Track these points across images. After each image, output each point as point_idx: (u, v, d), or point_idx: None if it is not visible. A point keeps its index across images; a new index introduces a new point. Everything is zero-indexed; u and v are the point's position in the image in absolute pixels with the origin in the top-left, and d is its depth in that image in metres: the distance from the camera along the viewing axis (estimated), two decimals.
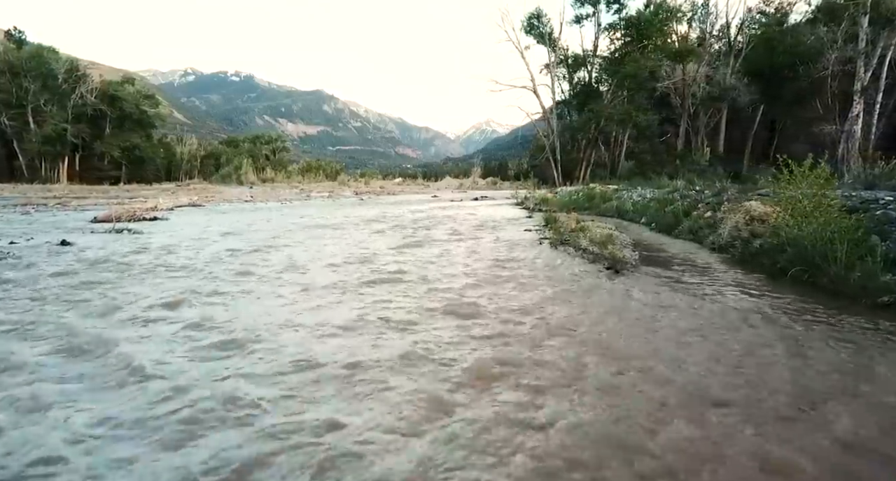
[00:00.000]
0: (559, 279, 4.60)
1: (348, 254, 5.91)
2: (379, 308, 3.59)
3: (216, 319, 3.23)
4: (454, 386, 2.27)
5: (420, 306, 3.56)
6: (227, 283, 4.28)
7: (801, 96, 18.04)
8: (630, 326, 3.17)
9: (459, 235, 8.18)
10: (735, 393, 2.21)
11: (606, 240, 6.64)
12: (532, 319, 3.28)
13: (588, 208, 14.20)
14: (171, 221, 10.75)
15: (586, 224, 9.70)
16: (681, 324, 3.19)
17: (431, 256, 5.82)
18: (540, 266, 5.27)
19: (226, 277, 4.51)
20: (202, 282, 4.31)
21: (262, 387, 2.20)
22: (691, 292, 4.11)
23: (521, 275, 4.74)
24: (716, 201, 9.20)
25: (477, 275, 4.66)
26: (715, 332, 3.05)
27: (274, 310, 3.52)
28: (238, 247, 6.41)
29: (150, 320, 3.20)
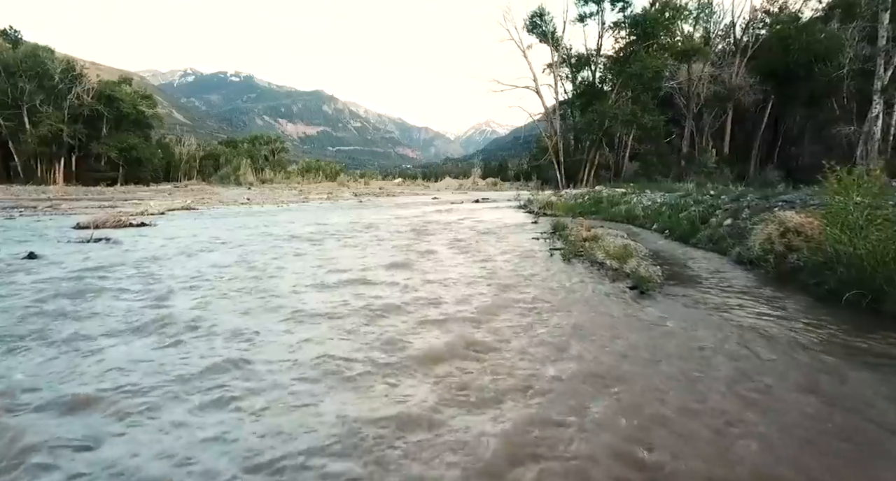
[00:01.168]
0: (581, 304, 4.02)
1: (340, 273, 5.30)
2: (372, 345, 3.04)
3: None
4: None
5: (422, 350, 2.97)
6: (180, 344, 3.03)
7: (816, 96, 17.44)
8: (684, 382, 2.53)
9: (463, 246, 7.60)
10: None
11: (624, 252, 6.08)
12: (561, 368, 2.69)
13: (595, 213, 13.64)
14: (157, 228, 10.20)
15: (598, 232, 9.15)
16: (745, 382, 2.53)
17: (432, 274, 5.25)
18: (556, 286, 4.70)
19: (182, 322, 3.43)
20: (149, 341, 3.07)
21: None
22: (735, 322, 3.55)
23: (537, 298, 4.17)
24: (735, 208, 8.65)
25: (486, 300, 4.08)
26: (792, 394, 2.37)
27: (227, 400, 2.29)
28: (218, 264, 5.66)
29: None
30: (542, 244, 8.01)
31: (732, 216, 8.28)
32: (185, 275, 4.95)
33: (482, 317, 3.58)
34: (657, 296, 4.32)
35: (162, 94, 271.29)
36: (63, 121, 44.54)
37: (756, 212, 7.80)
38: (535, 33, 26.82)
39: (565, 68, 27.33)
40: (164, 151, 65.17)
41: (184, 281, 4.69)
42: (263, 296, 4.23)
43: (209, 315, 3.57)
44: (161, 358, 2.75)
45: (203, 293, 4.24)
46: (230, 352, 2.85)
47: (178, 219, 12.87)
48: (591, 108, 24.02)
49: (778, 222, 5.40)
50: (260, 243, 7.61)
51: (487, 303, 3.97)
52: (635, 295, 4.31)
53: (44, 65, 44.33)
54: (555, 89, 26.86)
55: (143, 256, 6.05)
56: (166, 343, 3.02)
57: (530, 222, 12.19)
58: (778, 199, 8.02)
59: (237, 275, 5.04)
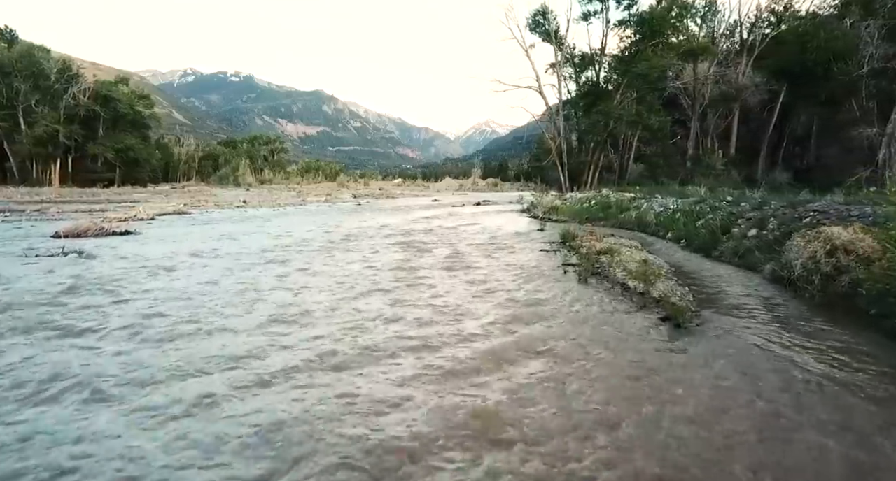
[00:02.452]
0: (607, 343, 3.40)
1: (327, 296, 4.65)
2: (346, 405, 2.42)
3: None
4: None
5: (420, 417, 2.34)
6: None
7: (835, 96, 16.80)
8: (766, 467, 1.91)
9: (464, 259, 6.98)
10: None
11: (646, 270, 5.48)
12: (596, 456, 2.05)
13: (603, 219, 13.03)
14: (141, 236, 9.60)
15: (610, 241, 8.54)
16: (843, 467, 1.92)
17: (430, 300, 4.61)
18: (575, 317, 4.07)
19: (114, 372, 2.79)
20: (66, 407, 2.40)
21: None
22: (806, 370, 2.93)
23: (554, 337, 3.55)
24: (759, 217, 8.04)
25: (491, 340, 3.45)
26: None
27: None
28: (173, 295, 4.67)
29: None
30: (551, 257, 7.40)
31: (757, 226, 7.67)
32: (131, 312, 4.04)
33: (489, 360, 2.95)
34: (697, 330, 3.71)
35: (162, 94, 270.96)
36: (59, 122, 43.95)
37: (785, 222, 7.19)
38: (538, 32, 26.22)
39: (569, 68, 26.73)
40: (162, 152, 64.68)
41: (119, 324, 3.74)
42: (248, 316, 3.61)
43: (107, 386, 2.65)
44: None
45: (132, 347, 3.29)
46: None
47: (166, 225, 12.28)
48: (595, 109, 23.38)
49: (823, 238, 4.79)
50: (237, 260, 6.81)
51: (494, 343, 3.33)
52: (671, 329, 3.70)
53: (39, 64, 43.75)
54: (558, 89, 26.28)
55: (106, 277, 5.36)
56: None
57: (536, 229, 11.59)
58: (807, 209, 7.42)
59: (180, 318, 3.91)
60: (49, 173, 45.34)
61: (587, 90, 25.52)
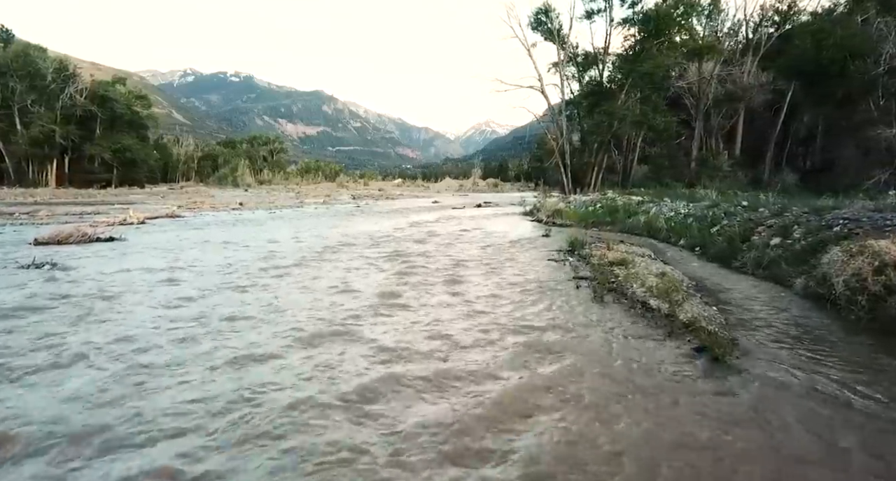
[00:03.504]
0: (639, 386, 2.87)
1: (307, 322, 4.06)
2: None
3: None
4: None
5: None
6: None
7: (850, 96, 16.26)
8: None
9: (465, 275, 6.45)
10: None
11: (668, 286, 4.97)
12: None
13: (610, 223, 12.53)
14: (125, 244, 9.09)
15: (622, 249, 8.04)
16: None
17: (428, 324, 4.08)
18: (595, 348, 3.50)
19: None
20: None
21: None
22: (882, 418, 2.43)
23: (573, 375, 3.03)
24: (781, 224, 7.53)
25: (500, 385, 2.87)
26: None
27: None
28: (135, 326, 3.97)
29: None
30: (560, 269, 6.89)
31: (780, 235, 7.17)
32: (60, 351, 3.38)
33: (498, 429, 2.42)
34: (737, 364, 3.20)
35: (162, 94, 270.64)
36: (55, 122, 43.38)
37: (811, 231, 6.69)
38: (540, 31, 25.68)
39: (571, 67, 26.17)
40: (161, 152, 64.21)
41: (33, 365, 3.10)
42: (213, 351, 3.06)
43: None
44: None
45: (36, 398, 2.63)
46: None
47: (155, 230, 11.76)
48: (599, 109, 22.84)
49: (870, 253, 4.28)
50: (208, 279, 5.98)
51: (502, 398, 2.72)
52: (709, 365, 3.18)
53: (35, 64, 43.17)
54: (561, 89, 25.72)
55: (59, 298, 4.67)
56: None
57: (541, 235, 11.07)
58: (835, 216, 6.91)
59: (107, 370, 3.08)
60: (45, 174, 44.88)
61: (590, 90, 24.99)
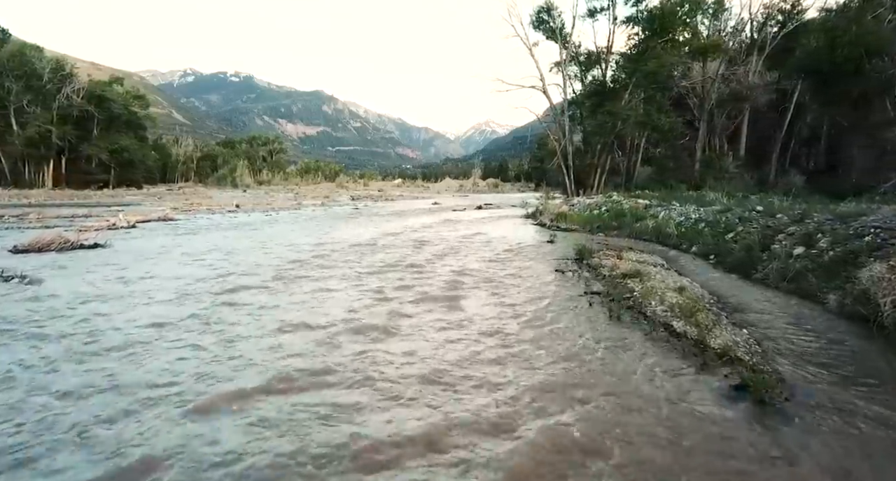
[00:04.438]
0: (675, 440, 2.44)
1: (285, 356, 3.49)
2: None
3: None
4: None
5: None
6: None
7: (866, 95, 15.78)
8: None
9: (466, 288, 6.00)
10: None
11: (692, 305, 4.55)
12: None
13: (617, 228, 12.08)
14: (108, 251, 8.66)
15: (631, 258, 7.61)
16: None
17: (420, 358, 3.59)
18: (618, 385, 3.06)
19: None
20: None
21: None
22: None
23: (596, 423, 2.59)
24: (803, 232, 7.10)
25: (511, 441, 2.41)
26: None
27: None
28: (73, 363, 3.34)
29: None
30: (569, 281, 6.45)
31: (804, 244, 6.74)
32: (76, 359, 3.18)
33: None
34: (787, 408, 2.76)
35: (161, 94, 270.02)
36: (52, 123, 42.92)
37: (839, 240, 6.26)
38: (542, 29, 25.21)
39: (574, 67, 25.71)
40: (160, 152, 63.79)
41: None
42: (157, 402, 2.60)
43: None
44: None
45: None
46: None
47: (144, 235, 11.33)
48: (602, 109, 22.39)
49: None
50: (177, 296, 5.40)
51: (517, 461, 2.27)
52: (754, 409, 2.75)
53: (31, 64, 42.71)
54: (563, 89, 25.22)
55: (12, 321, 4.29)
56: None
57: (545, 241, 10.63)
58: (863, 223, 6.48)
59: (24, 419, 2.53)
60: (42, 175, 44.47)
61: (593, 90, 24.53)
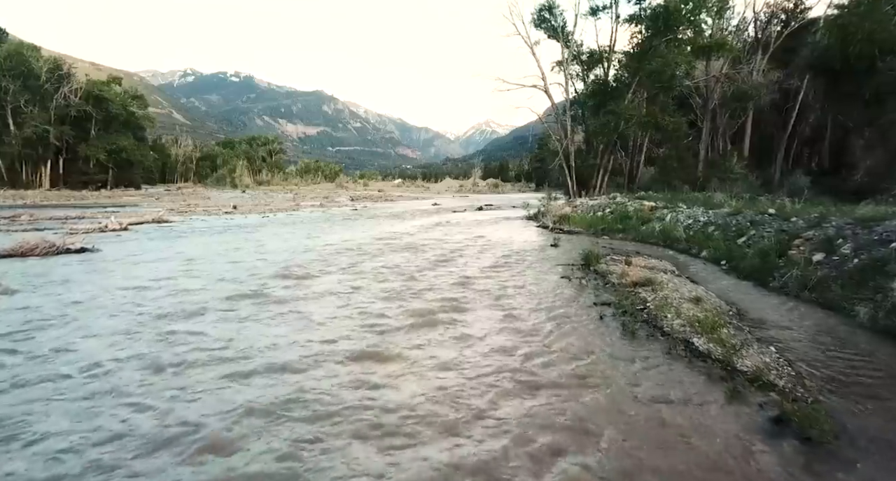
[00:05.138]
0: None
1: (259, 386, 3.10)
2: None
3: None
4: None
5: None
6: None
7: (879, 94, 15.38)
8: None
9: (466, 299, 5.64)
10: None
11: (714, 320, 4.19)
12: None
13: (622, 231, 11.72)
14: (94, 257, 8.31)
15: (639, 263, 7.25)
16: None
17: (421, 386, 3.24)
18: (639, 416, 2.75)
19: None
20: None
21: None
22: None
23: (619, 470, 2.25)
24: (822, 237, 6.74)
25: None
26: None
27: None
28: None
29: None
30: (576, 290, 6.09)
31: (824, 250, 6.38)
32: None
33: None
34: (838, 450, 2.41)
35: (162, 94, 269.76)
36: (49, 123, 42.55)
37: (863, 247, 5.90)
38: (544, 28, 24.84)
39: (576, 66, 25.34)
40: (159, 153, 63.51)
41: None
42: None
43: None
44: None
45: None
46: None
47: (135, 238, 10.98)
48: (605, 109, 22.03)
49: None
50: (190, 299, 5.45)
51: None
52: (800, 450, 2.39)
53: (28, 63, 42.32)
54: (565, 88, 24.86)
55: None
56: None
57: (549, 244, 10.28)
58: (887, 228, 6.12)
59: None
60: (39, 175, 44.14)
61: (595, 89, 24.17)
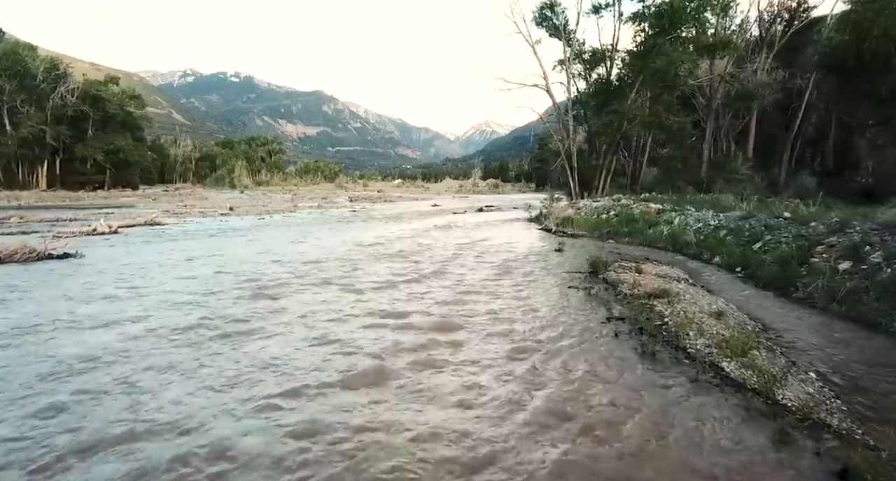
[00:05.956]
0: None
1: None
2: None
3: None
4: None
5: None
6: None
7: (894, 92, 14.93)
8: None
9: (464, 314, 5.22)
10: None
11: (739, 338, 3.79)
12: None
13: (628, 235, 11.30)
14: (75, 263, 7.90)
15: (655, 275, 6.84)
16: None
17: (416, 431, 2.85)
18: (672, 463, 2.34)
19: None
20: None
21: None
22: None
23: None
24: (847, 244, 6.34)
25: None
26: None
27: None
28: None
29: None
30: (585, 301, 5.68)
31: (850, 258, 5.97)
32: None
33: None
34: None
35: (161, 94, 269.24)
36: (45, 123, 42.16)
37: (894, 254, 5.49)
38: (545, 26, 24.41)
39: (578, 65, 24.91)
40: (158, 153, 63.08)
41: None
42: None
43: None
44: None
45: None
46: None
47: (122, 242, 10.57)
48: (608, 109, 21.61)
49: None
50: (130, 340, 4.92)
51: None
52: None
53: (25, 63, 41.91)
54: (567, 88, 24.44)
55: None
56: None
57: (553, 249, 9.86)
58: None
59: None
60: (36, 176, 43.74)
61: (598, 88, 23.75)
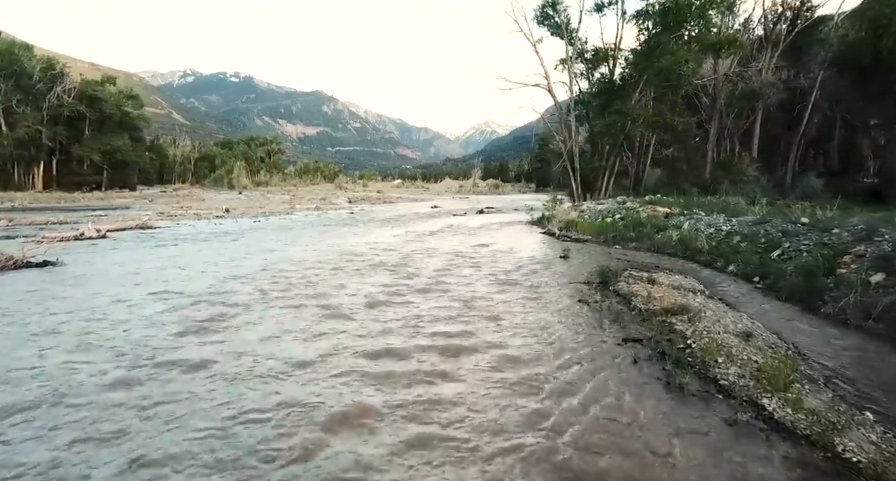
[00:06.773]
0: None
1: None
2: None
3: None
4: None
5: None
6: None
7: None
8: None
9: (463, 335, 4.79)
10: None
11: (774, 366, 3.37)
12: None
13: (635, 240, 10.86)
14: (54, 272, 7.49)
15: (670, 286, 6.41)
16: None
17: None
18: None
19: None
20: None
21: None
22: None
23: None
24: (876, 253, 5.91)
25: None
26: None
27: None
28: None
29: None
30: (596, 319, 5.24)
31: (883, 269, 5.55)
32: None
33: None
34: None
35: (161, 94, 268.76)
36: (42, 123, 41.74)
37: None
38: (547, 25, 23.97)
39: (580, 64, 24.47)
40: (156, 153, 62.65)
41: None
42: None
43: None
44: None
45: None
46: None
47: (110, 248, 10.14)
48: (611, 109, 21.17)
49: None
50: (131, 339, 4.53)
51: None
52: None
53: (20, 63, 41.49)
54: (569, 87, 24.01)
55: None
56: None
57: (558, 256, 9.42)
58: None
59: None
60: (32, 176, 43.30)
61: (601, 88, 23.31)
